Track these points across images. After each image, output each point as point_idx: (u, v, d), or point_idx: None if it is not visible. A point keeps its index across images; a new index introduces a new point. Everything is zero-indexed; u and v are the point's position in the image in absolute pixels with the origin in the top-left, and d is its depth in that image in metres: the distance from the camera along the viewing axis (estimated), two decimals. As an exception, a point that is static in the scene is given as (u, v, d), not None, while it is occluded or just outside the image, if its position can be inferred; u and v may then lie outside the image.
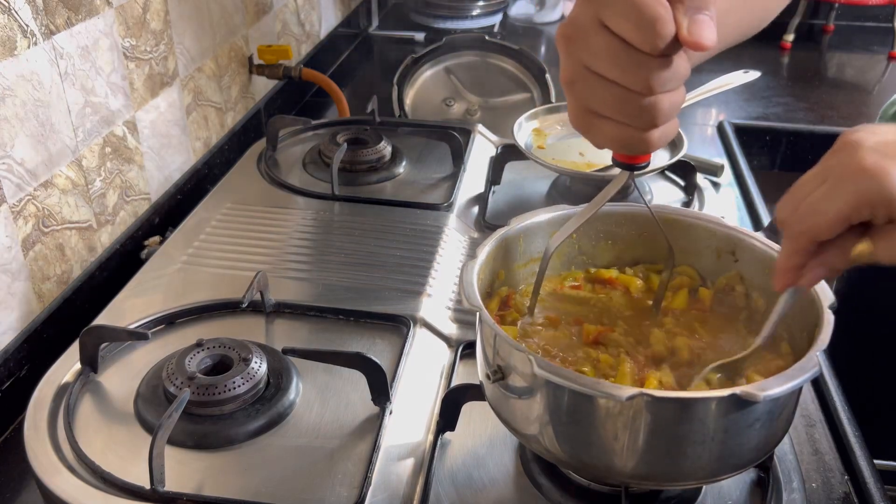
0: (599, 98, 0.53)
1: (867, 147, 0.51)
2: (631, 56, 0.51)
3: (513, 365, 0.59)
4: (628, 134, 0.54)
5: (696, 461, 0.56)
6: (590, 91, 0.54)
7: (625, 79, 0.52)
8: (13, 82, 0.82)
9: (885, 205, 0.50)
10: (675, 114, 0.54)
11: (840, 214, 0.51)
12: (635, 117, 0.53)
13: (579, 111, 0.55)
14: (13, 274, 0.84)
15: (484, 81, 1.45)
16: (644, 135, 0.54)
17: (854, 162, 0.51)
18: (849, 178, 0.51)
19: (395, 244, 1.00)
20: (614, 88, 0.52)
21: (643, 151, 0.56)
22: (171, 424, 0.65)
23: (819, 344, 0.56)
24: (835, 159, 0.53)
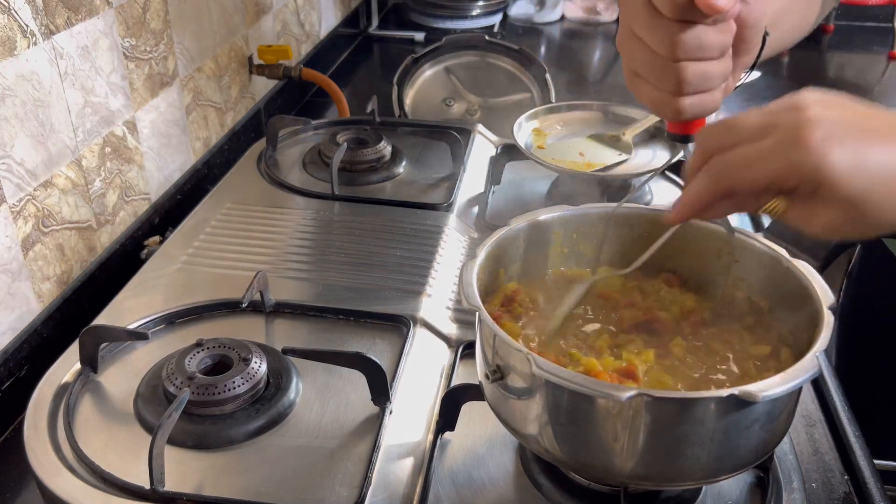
0: (637, 58, 0.58)
1: (819, 120, 0.50)
2: (657, 19, 0.54)
3: (512, 365, 0.59)
4: (660, 97, 0.58)
5: (696, 462, 0.56)
6: (632, 51, 0.58)
7: (651, 40, 0.55)
8: (13, 82, 0.82)
9: (815, 182, 0.50)
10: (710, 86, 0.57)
11: (769, 177, 0.51)
12: (662, 80, 0.56)
13: (626, 71, 0.60)
14: (13, 274, 0.84)
15: (484, 81, 1.45)
16: (674, 100, 0.57)
17: (801, 132, 0.50)
18: (790, 146, 0.50)
19: (395, 244, 1.00)
20: (647, 50, 0.56)
21: (671, 117, 0.59)
22: (170, 424, 0.65)
23: (819, 345, 0.56)
24: (783, 117, 0.51)
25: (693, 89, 0.56)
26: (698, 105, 0.57)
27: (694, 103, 0.57)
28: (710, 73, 0.56)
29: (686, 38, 0.54)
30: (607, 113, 1.21)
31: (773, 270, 0.67)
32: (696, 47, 0.55)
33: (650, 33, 0.55)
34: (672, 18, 0.54)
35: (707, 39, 0.55)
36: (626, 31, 0.58)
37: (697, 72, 0.55)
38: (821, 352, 0.56)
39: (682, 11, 0.53)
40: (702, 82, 0.56)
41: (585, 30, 2.18)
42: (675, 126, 0.62)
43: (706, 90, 0.57)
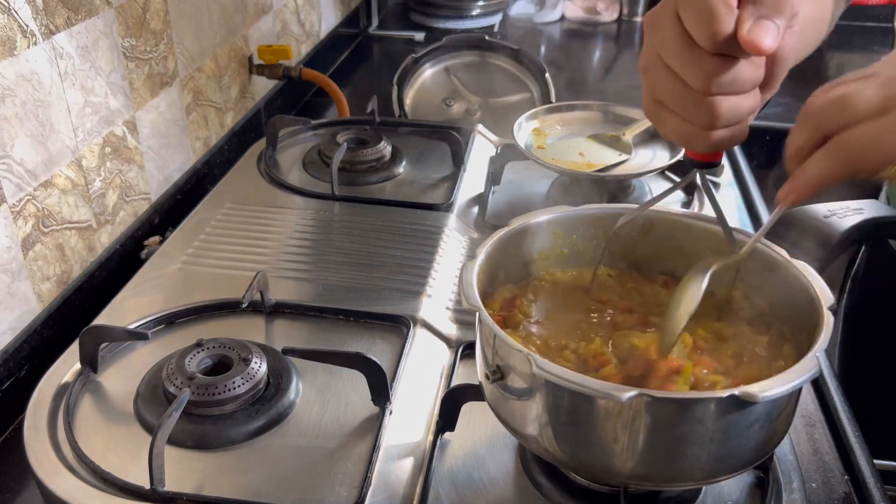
0: (665, 89, 0.55)
1: None
2: (692, 51, 0.52)
3: (512, 365, 0.59)
4: (688, 130, 0.56)
5: (696, 462, 0.56)
6: (658, 80, 0.55)
7: (685, 73, 0.53)
8: (13, 82, 0.82)
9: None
10: (740, 119, 0.55)
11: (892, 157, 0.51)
12: (693, 114, 0.54)
13: (649, 99, 0.57)
14: (13, 274, 0.84)
15: (484, 81, 1.45)
16: (703, 133, 0.55)
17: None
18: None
19: (395, 244, 1.00)
20: (677, 81, 0.54)
21: (702, 150, 0.57)
22: (170, 424, 0.65)
23: (819, 345, 0.56)
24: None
25: (725, 123, 0.55)
26: (728, 139, 0.56)
27: (724, 137, 0.56)
28: (742, 107, 0.55)
29: (725, 72, 0.52)
30: (607, 113, 1.21)
31: (773, 271, 0.67)
32: (730, 82, 0.53)
33: (684, 65, 0.53)
34: (710, 52, 0.52)
35: (742, 75, 0.53)
36: (652, 58, 0.55)
37: (730, 107, 0.54)
38: (821, 352, 0.56)
39: (722, 45, 0.51)
40: (734, 117, 0.55)
41: (585, 30, 2.18)
42: (696, 155, 0.61)
43: (737, 123, 0.56)
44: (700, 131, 0.55)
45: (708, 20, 0.50)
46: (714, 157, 0.60)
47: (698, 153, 0.60)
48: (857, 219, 0.75)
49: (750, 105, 0.55)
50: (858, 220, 0.75)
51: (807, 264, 0.65)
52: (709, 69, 0.52)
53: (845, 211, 0.76)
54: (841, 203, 0.77)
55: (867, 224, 0.75)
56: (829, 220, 0.75)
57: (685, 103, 0.54)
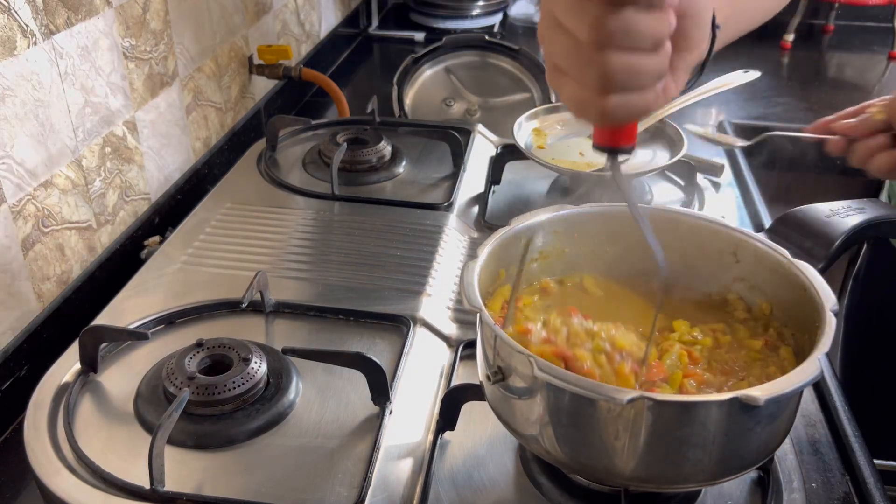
0: (558, 49, 0.50)
1: None
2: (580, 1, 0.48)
3: (513, 366, 0.59)
4: (583, 95, 0.50)
5: (697, 464, 0.56)
6: (552, 41, 0.51)
7: (573, 24, 0.48)
8: (13, 82, 0.82)
9: None
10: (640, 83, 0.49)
11: None
12: (585, 73, 0.49)
13: (549, 66, 0.52)
14: (13, 274, 0.84)
15: (484, 81, 1.45)
16: (598, 98, 0.49)
17: None
18: None
19: (395, 244, 1.00)
20: (568, 37, 0.49)
21: (596, 120, 0.51)
22: (170, 424, 0.65)
23: (821, 347, 0.56)
24: None
25: (620, 85, 0.49)
26: (625, 106, 0.49)
27: (620, 103, 0.49)
28: (641, 67, 0.48)
29: (613, 21, 0.47)
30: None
31: (775, 271, 0.67)
32: (623, 33, 0.47)
33: (573, 17, 0.48)
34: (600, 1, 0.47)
35: (638, 25, 0.47)
36: (547, 19, 0.50)
37: (625, 64, 0.48)
38: (822, 354, 0.55)
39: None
40: (630, 78, 0.48)
41: (585, 30, 2.17)
42: (602, 134, 0.54)
43: (636, 88, 0.49)
44: (593, 96, 0.49)
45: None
46: (621, 139, 0.53)
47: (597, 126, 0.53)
48: (859, 218, 0.75)
49: (653, 66, 0.49)
50: (860, 220, 0.75)
51: (809, 265, 0.65)
52: (598, 18, 0.47)
53: (847, 210, 0.76)
54: (842, 202, 0.77)
55: (869, 223, 0.75)
56: (830, 219, 0.74)
57: (577, 61, 0.49)
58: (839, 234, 0.73)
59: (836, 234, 0.73)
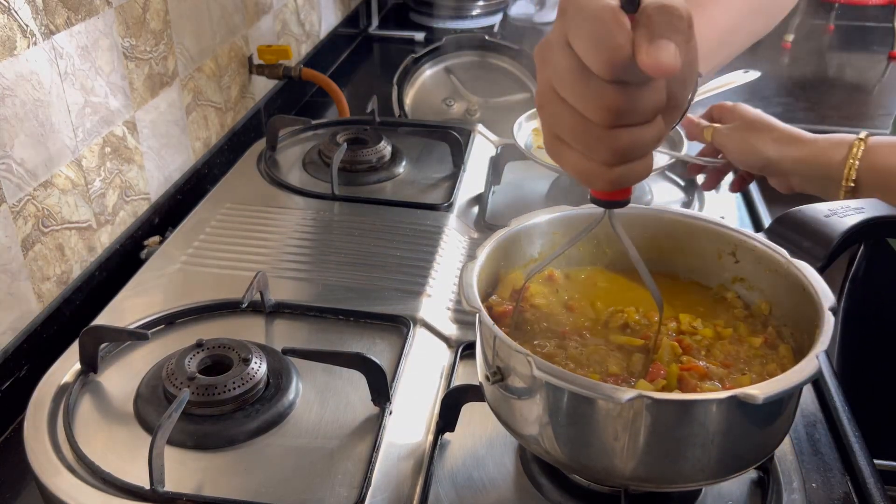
0: (561, 123, 0.50)
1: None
2: (588, 81, 0.48)
3: (512, 366, 0.59)
4: (588, 166, 0.51)
5: (696, 463, 0.56)
6: (555, 115, 0.51)
7: (582, 105, 0.48)
8: (13, 82, 0.82)
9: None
10: (644, 152, 0.50)
11: None
12: (592, 149, 0.50)
13: (548, 135, 0.53)
14: (13, 274, 0.84)
15: (484, 81, 1.45)
16: (604, 170, 0.50)
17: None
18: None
19: (395, 244, 1.00)
20: (575, 115, 0.49)
21: (605, 189, 0.52)
22: (170, 424, 0.65)
23: (819, 346, 0.56)
24: None
25: (627, 158, 0.50)
26: (631, 174, 0.51)
27: (626, 172, 0.50)
28: (645, 138, 0.49)
29: (625, 102, 0.47)
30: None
31: (774, 271, 0.67)
32: (634, 112, 0.48)
33: (580, 97, 0.48)
34: (607, 80, 0.47)
35: (644, 102, 0.48)
36: (547, 92, 0.51)
37: (633, 139, 0.49)
38: (821, 353, 0.55)
39: (619, 71, 0.46)
40: (637, 149, 0.49)
41: (585, 30, 2.17)
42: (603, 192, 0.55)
43: (640, 157, 0.50)
44: (601, 168, 0.50)
45: (603, 46, 0.46)
46: (622, 195, 0.54)
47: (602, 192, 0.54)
48: (857, 218, 0.75)
49: (653, 135, 0.50)
50: (859, 220, 0.75)
51: (808, 265, 0.65)
52: (608, 99, 0.47)
53: (846, 210, 0.76)
54: (841, 202, 0.77)
55: (868, 223, 0.75)
56: (829, 219, 0.75)
57: (585, 138, 0.49)
58: (838, 233, 0.73)
59: (835, 234, 0.73)
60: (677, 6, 0.47)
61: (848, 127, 1.54)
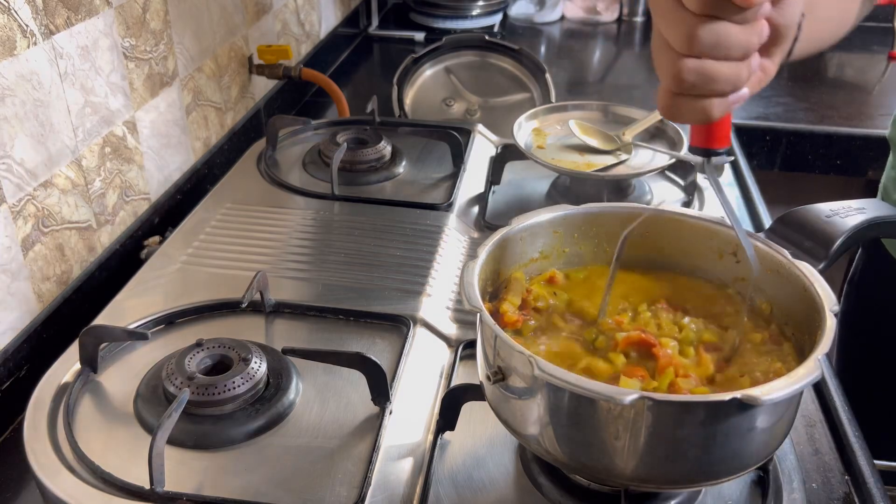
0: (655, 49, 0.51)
1: None
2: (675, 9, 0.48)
3: (513, 366, 0.59)
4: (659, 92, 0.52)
5: (697, 464, 0.56)
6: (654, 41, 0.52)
7: (667, 32, 0.49)
8: (13, 82, 0.82)
9: None
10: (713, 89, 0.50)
11: None
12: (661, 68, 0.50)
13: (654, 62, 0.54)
14: (13, 274, 0.84)
15: (484, 81, 1.45)
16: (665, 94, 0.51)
17: None
18: None
19: (395, 244, 1.00)
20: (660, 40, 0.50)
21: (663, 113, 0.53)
22: (170, 424, 0.65)
23: (821, 348, 0.56)
24: None
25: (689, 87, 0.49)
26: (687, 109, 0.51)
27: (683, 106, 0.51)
28: (716, 74, 0.49)
29: (705, 33, 0.47)
30: (607, 113, 1.21)
31: (775, 272, 0.67)
32: (714, 43, 0.48)
33: (669, 23, 0.49)
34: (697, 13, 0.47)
35: (729, 37, 0.48)
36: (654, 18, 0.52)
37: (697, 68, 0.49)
38: (823, 355, 0.55)
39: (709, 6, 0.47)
40: (703, 82, 0.49)
41: (585, 30, 2.18)
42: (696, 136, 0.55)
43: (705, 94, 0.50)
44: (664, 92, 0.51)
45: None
46: (714, 141, 0.54)
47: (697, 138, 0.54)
48: (859, 218, 0.75)
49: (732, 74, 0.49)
50: (861, 220, 0.74)
51: (809, 265, 0.65)
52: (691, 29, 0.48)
53: (847, 210, 0.76)
54: (843, 202, 0.77)
55: (870, 224, 0.75)
56: (831, 219, 0.74)
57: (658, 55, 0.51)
58: (839, 234, 0.73)
59: (837, 235, 0.73)
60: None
61: (848, 127, 1.54)
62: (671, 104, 0.51)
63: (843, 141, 1.53)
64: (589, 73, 1.93)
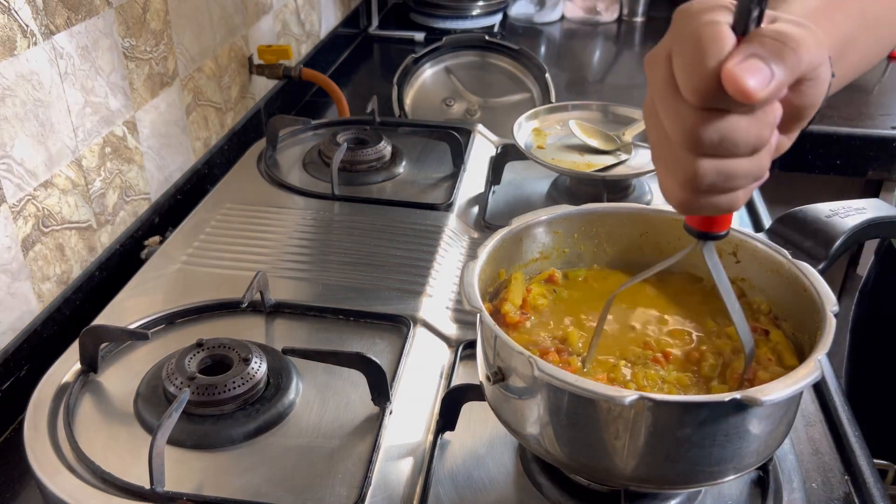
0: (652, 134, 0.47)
1: None
2: (676, 100, 0.44)
3: (513, 367, 0.59)
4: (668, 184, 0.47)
5: (697, 464, 0.56)
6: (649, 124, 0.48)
7: (667, 122, 0.45)
8: (13, 82, 0.82)
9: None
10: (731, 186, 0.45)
11: None
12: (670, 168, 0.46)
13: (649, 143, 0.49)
14: (13, 274, 0.84)
15: (484, 81, 1.45)
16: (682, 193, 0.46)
17: None
18: None
19: (395, 244, 1.00)
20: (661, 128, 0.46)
21: (680, 211, 0.48)
22: (170, 424, 0.65)
23: (821, 348, 0.56)
24: None
25: (708, 188, 0.45)
26: (710, 205, 0.46)
27: (706, 203, 0.46)
28: (735, 172, 0.44)
29: (708, 130, 0.42)
30: (607, 113, 1.21)
31: (775, 272, 0.67)
32: (718, 141, 0.43)
33: (667, 115, 0.44)
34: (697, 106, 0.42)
35: (736, 133, 0.43)
36: (648, 99, 0.47)
37: (715, 169, 0.44)
38: (823, 355, 0.55)
39: (708, 99, 0.42)
40: (722, 181, 0.44)
41: (585, 30, 2.18)
42: (693, 218, 0.51)
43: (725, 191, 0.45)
44: (679, 190, 0.46)
45: (693, 69, 0.42)
46: (714, 226, 0.50)
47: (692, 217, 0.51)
48: (859, 218, 0.75)
49: (748, 170, 0.44)
50: (860, 220, 0.74)
51: (809, 265, 0.65)
52: (690, 122, 0.43)
53: (847, 210, 0.76)
54: (842, 202, 0.77)
55: (869, 224, 0.75)
56: (831, 220, 0.74)
57: (666, 155, 0.46)
58: (839, 234, 0.73)
59: (837, 235, 0.73)
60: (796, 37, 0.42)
61: (848, 127, 1.54)
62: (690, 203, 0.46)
63: (843, 141, 1.53)
64: (589, 73, 1.93)
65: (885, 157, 1.53)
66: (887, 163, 1.53)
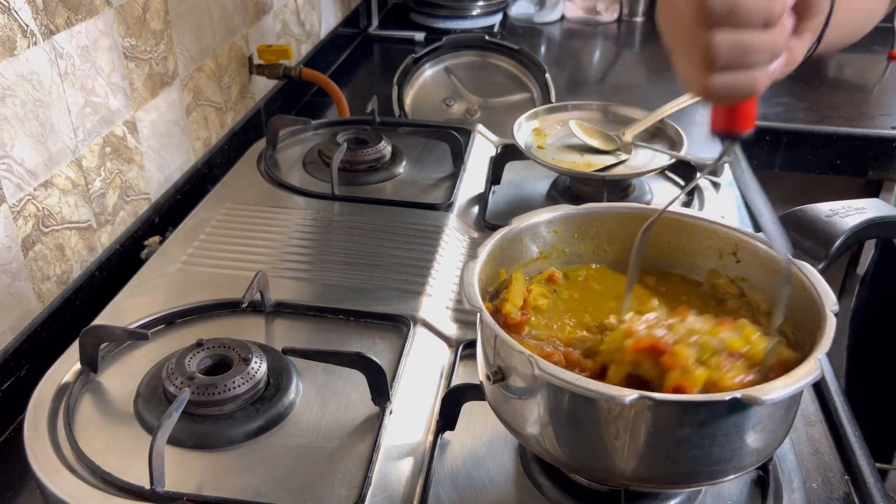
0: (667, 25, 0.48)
1: None
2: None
3: (513, 366, 0.59)
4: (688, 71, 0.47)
5: (697, 464, 0.56)
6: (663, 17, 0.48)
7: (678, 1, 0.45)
8: (13, 82, 0.82)
9: None
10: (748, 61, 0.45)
11: None
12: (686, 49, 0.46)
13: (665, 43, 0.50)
14: (13, 274, 0.84)
15: (484, 81, 1.45)
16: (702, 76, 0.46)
17: None
18: None
19: (395, 244, 1.00)
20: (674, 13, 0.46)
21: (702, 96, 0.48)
22: (170, 424, 0.65)
23: (822, 348, 0.56)
24: None
25: (724, 64, 0.45)
26: (731, 85, 0.46)
27: (725, 82, 0.46)
28: (750, 45, 0.45)
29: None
30: (607, 113, 1.21)
31: (775, 272, 0.67)
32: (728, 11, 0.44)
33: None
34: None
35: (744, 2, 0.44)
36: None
37: (730, 42, 0.44)
38: (823, 355, 0.55)
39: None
40: (737, 56, 0.45)
41: (585, 30, 2.18)
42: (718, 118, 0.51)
43: (743, 67, 0.46)
44: (698, 71, 0.46)
45: None
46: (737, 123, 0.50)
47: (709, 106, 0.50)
48: (859, 218, 0.75)
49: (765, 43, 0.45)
50: (860, 220, 0.75)
51: (809, 265, 0.65)
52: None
53: (847, 210, 0.76)
54: (842, 202, 0.77)
55: (869, 224, 0.75)
56: (831, 219, 0.74)
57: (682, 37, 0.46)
58: (839, 234, 0.73)
59: (837, 234, 0.73)
60: None
61: (848, 127, 1.54)
62: (707, 83, 0.46)
63: (843, 141, 1.53)
64: (589, 73, 1.93)
65: (885, 157, 1.53)
66: (887, 163, 1.53)
